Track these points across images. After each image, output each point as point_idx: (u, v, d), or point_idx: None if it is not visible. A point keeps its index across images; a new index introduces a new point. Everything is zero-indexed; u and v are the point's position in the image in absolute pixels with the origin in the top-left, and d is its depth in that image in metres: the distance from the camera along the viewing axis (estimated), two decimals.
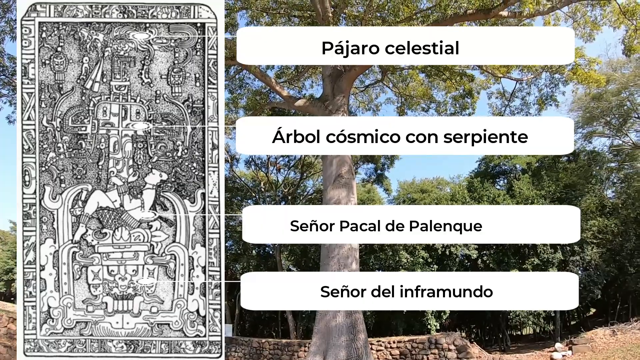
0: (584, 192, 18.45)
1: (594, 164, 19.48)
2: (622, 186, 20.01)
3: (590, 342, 12.37)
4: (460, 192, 19.15)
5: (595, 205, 18.36)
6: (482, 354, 13.45)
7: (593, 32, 10.88)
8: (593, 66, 10.98)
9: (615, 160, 20.44)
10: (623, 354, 9.89)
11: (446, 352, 13.48)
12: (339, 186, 9.99)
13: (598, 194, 19.11)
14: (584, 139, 20.39)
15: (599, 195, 19.14)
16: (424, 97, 14.21)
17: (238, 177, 22.53)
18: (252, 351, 15.45)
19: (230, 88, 13.67)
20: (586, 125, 19.85)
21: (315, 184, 23.27)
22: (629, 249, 18.00)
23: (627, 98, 18.32)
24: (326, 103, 10.90)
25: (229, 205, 22.85)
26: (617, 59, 18.15)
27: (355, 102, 16.76)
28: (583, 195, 18.37)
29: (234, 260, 23.60)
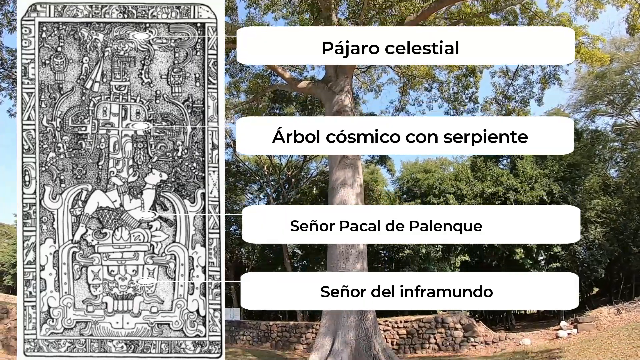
0: (588, 171, 18.33)
1: (597, 143, 19.32)
2: (626, 165, 19.86)
3: (595, 321, 12.43)
4: (464, 172, 19.02)
5: (598, 185, 18.27)
6: (488, 333, 13.53)
7: (596, 11, 10.70)
8: (597, 44, 10.80)
9: (618, 139, 20.24)
10: (628, 332, 9.95)
11: (452, 330, 13.56)
12: (345, 167, 9.99)
13: (601, 174, 19.00)
14: (587, 118, 20.12)
15: (602, 175, 19.03)
16: (426, 76, 14.08)
17: (241, 161, 22.40)
18: (260, 334, 15.51)
19: (231, 72, 13.58)
20: (589, 104, 19.48)
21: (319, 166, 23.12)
22: (632, 229, 17.89)
23: (630, 77, 18.08)
24: (329, 84, 10.86)
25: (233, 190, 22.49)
26: (621, 38, 17.92)
27: (357, 83, 16.66)
28: (586, 175, 18.23)
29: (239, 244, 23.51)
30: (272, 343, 15.36)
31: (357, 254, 9.57)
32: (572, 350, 9.76)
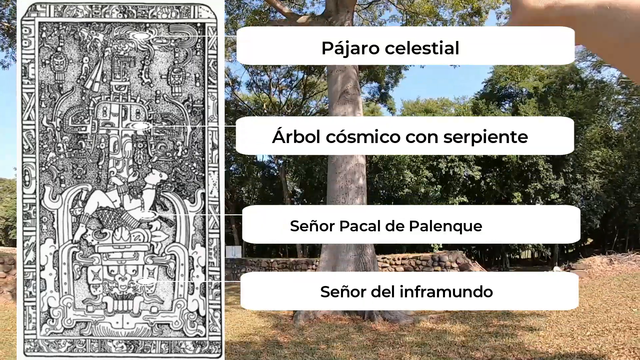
0: (590, 121, 18.16)
1: (601, 94, 19.11)
2: (629, 120, 19.67)
3: (588, 269, 12.57)
4: (465, 113, 18.86)
5: (599, 136, 18.14)
6: None
7: None
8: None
9: (623, 92, 20.05)
10: (619, 282, 10.08)
11: (449, 269, 13.72)
12: (345, 102, 9.88)
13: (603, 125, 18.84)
14: (593, 68, 19.85)
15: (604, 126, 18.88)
16: (429, 14, 13.88)
17: (240, 100, 21.93)
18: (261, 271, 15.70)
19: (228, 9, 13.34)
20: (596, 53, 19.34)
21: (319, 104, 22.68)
22: (630, 182, 17.80)
23: None
24: (329, 19, 10.66)
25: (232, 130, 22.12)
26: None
27: (358, 20, 16.36)
28: (589, 124, 18.08)
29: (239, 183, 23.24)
30: None
31: (356, 189, 9.50)
32: None
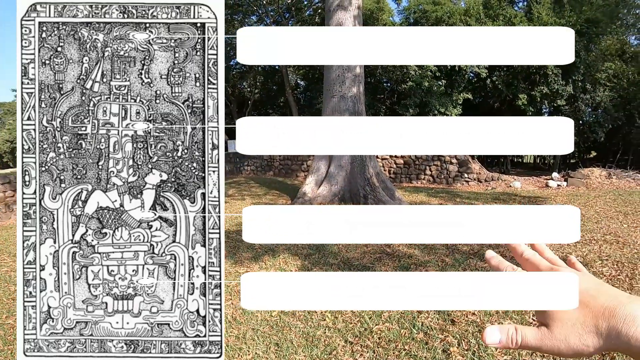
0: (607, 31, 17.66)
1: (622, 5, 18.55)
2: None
3: (586, 179, 12.62)
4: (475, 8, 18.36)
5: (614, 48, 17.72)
6: (482, 171, 13.77)
7: None
8: None
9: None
10: (615, 196, 10.14)
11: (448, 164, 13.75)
12: None
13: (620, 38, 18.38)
14: None
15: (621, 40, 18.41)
16: None
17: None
18: (263, 163, 15.76)
19: None
20: None
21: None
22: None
23: None
24: None
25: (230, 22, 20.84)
26: None
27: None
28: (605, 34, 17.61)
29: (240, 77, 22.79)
30: (275, 171, 15.66)
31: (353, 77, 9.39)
32: (558, 200, 9.98)
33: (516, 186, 13.05)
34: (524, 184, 13.32)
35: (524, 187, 13.06)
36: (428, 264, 4.67)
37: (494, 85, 17.74)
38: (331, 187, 9.20)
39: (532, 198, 10.64)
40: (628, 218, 7.34)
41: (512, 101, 17.89)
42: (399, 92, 18.74)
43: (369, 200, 8.76)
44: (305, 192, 9.30)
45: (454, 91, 17.88)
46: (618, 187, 12.38)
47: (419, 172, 14.32)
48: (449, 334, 3.05)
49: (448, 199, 10.42)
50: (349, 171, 9.24)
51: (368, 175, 9.08)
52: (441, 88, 17.68)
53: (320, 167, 9.47)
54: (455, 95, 17.87)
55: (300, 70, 21.64)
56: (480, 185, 13.70)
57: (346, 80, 9.50)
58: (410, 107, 17.58)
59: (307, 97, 22.72)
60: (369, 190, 8.98)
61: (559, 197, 10.57)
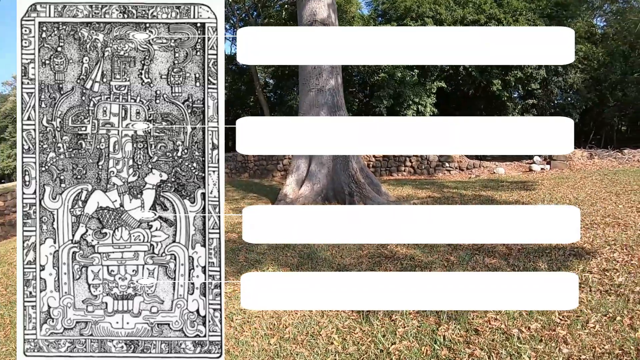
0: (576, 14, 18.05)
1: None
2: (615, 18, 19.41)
3: (569, 160, 12.64)
4: None
5: (583, 30, 18.06)
6: (463, 159, 13.84)
7: None
8: None
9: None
10: (600, 177, 10.10)
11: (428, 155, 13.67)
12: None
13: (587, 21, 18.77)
14: None
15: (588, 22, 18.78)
16: None
17: None
18: (237, 165, 15.59)
19: None
20: None
21: None
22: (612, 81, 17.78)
23: None
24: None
25: None
26: None
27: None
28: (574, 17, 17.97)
29: None
30: (250, 173, 15.48)
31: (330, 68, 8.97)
32: (547, 185, 9.93)
33: (500, 172, 13.02)
34: (507, 170, 13.30)
35: (508, 173, 13.02)
36: (433, 264, 4.60)
37: (467, 72, 17.74)
38: (313, 186, 8.76)
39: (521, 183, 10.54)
40: (621, 198, 7.29)
41: (487, 87, 17.91)
42: (371, 84, 18.53)
43: (355, 197, 8.40)
44: (286, 193, 8.86)
45: (427, 80, 17.76)
46: (601, 167, 12.40)
47: (399, 164, 14.15)
48: (476, 346, 2.91)
49: (435, 190, 10.22)
50: (332, 168, 8.79)
51: (352, 171, 8.68)
52: (414, 78, 17.54)
53: (300, 166, 9.06)
54: (429, 84, 17.74)
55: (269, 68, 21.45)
56: (463, 173, 13.64)
57: (323, 73, 9.10)
58: (384, 98, 17.33)
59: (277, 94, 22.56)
60: (354, 187, 8.55)
61: (546, 181, 10.50)
